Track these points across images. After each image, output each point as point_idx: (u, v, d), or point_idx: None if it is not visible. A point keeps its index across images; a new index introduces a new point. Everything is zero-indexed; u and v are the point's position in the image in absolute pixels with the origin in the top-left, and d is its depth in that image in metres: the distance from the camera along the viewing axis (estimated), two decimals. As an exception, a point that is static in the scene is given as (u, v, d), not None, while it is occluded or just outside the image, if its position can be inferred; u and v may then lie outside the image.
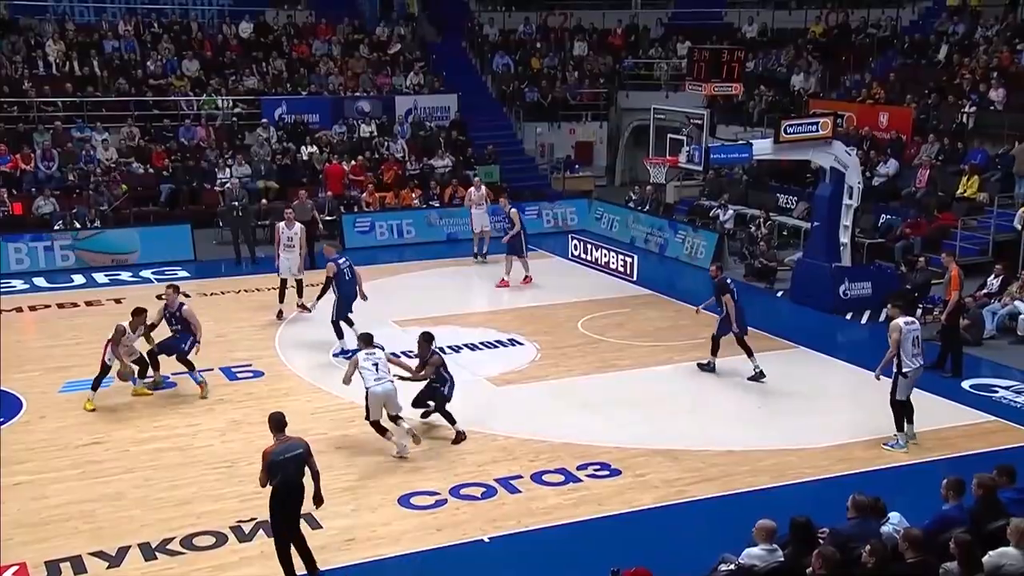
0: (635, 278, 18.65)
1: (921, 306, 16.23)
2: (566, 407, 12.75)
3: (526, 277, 18.47)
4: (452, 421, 11.63)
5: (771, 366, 13.67)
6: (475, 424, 11.99)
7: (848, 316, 16.79)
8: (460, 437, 11.52)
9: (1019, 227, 18.19)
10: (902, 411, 11.36)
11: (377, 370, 10.98)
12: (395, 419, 11.24)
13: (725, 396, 13.12)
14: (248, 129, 25.03)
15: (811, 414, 12.52)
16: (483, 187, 20.91)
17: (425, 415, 11.91)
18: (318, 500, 8.77)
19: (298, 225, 16.50)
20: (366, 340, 11.34)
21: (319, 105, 25.93)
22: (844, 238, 16.99)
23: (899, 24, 27.31)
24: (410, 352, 12.57)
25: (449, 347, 14.87)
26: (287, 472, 8.43)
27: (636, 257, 19.03)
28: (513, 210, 18.66)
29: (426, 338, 11.74)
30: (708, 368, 13.83)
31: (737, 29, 29.88)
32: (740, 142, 17.21)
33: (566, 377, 13.59)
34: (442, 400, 11.66)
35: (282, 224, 16.38)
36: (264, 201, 22.13)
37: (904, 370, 11.19)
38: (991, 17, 24.91)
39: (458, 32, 30.45)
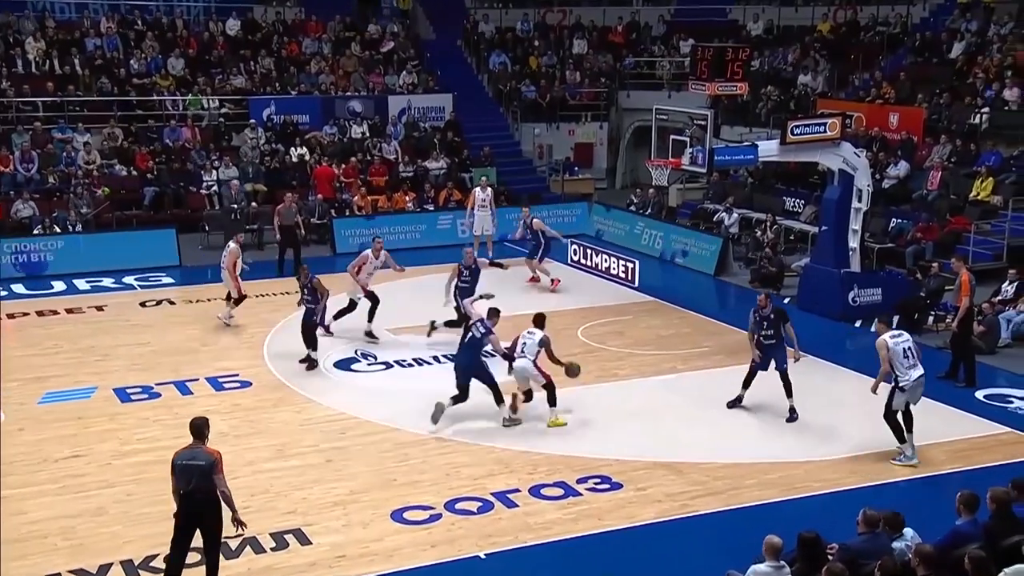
0: (636, 284, 18.66)
1: (933, 313, 16.26)
2: (565, 418, 12.73)
3: (533, 277, 18.79)
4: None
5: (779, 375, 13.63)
6: (470, 436, 11.99)
7: (858, 324, 16.80)
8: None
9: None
10: (897, 424, 11.36)
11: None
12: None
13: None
14: (235, 130, 25.03)
15: (819, 425, 12.52)
16: (489, 189, 20.87)
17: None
18: (236, 523, 8.44)
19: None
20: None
21: (309, 105, 25.94)
22: (853, 243, 17.01)
23: (910, 21, 27.36)
24: (420, 360, 12.40)
25: (444, 356, 14.88)
26: (188, 482, 8.29)
27: (638, 262, 19.05)
28: (536, 220, 18.79)
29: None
30: (738, 403, 12.94)
31: (742, 26, 29.93)
32: (745, 143, 17.24)
33: (564, 387, 13.59)
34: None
35: (235, 245, 16.43)
36: (253, 204, 22.14)
37: (900, 383, 11.19)
38: (1004, 14, 24.96)
39: (453, 29, 30.48)
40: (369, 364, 14.67)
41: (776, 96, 26.03)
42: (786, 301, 17.86)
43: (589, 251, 20.18)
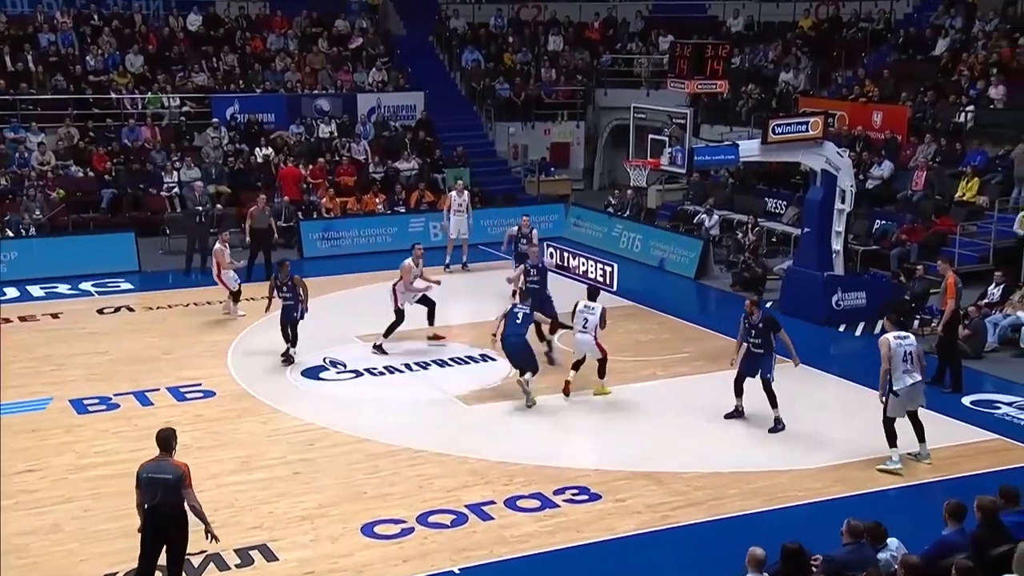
0: (615, 288, 18.71)
1: (919, 317, 16.40)
2: (542, 427, 12.77)
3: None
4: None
5: (759, 383, 13.69)
6: (444, 446, 11.98)
7: (841, 328, 16.93)
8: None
9: (1020, 233, 18.41)
10: (893, 429, 11.45)
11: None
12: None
13: (712, 414, 13.15)
14: (197, 129, 24.90)
15: (803, 433, 12.60)
16: (466, 193, 20.83)
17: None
18: (209, 536, 8.43)
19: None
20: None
21: (274, 103, 25.86)
22: (836, 245, 17.14)
23: (893, 17, 27.65)
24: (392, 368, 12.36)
25: (416, 363, 14.87)
26: (153, 495, 8.23)
27: (616, 266, 19.11)
28: (534, 230, 18.57)
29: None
30: (737, 414, 12.92)
31: (722, 23, 30.15)
32: (725, 143, 17.35)
33: (541, 395, 13.60)
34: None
35: (220, 245, 17.14)
36: (218, 207, 22.02)
37: (895, 388, 11.27)
38: (990, 10, 25.26)
39: (424, 25, 30.49)
40: (338, 372, 14.64)
41: (757, 94, 26.20)
42: (768, 305, 17.97)
43: (566, 254, 20.22)
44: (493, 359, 15.07)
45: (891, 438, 11.44)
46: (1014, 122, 20.99)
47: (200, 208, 20.49)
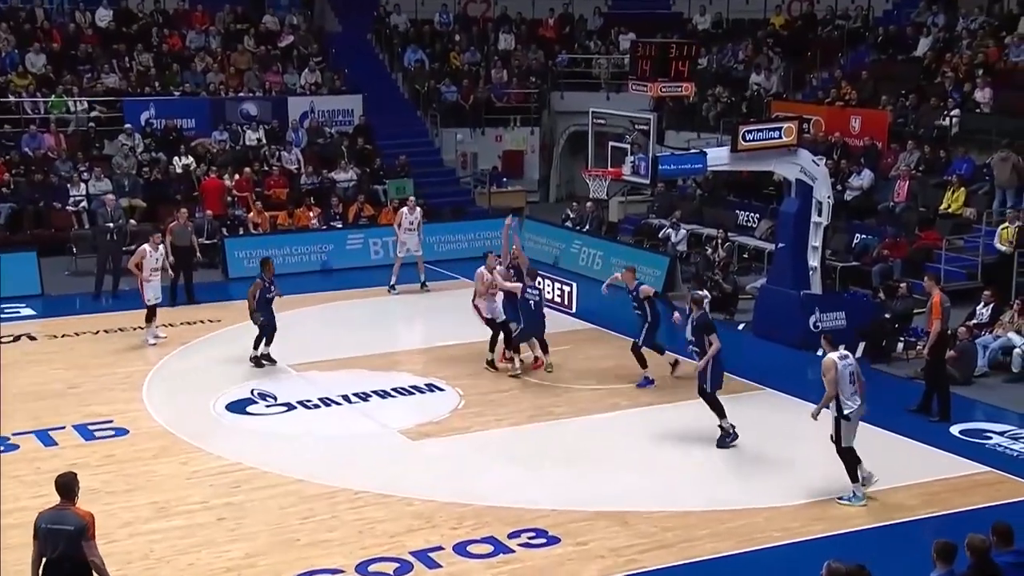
0: (574, 310, 18.78)
1: (903, 339, 16.63)
2: (494, 464, 12.75)
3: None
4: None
5: (733, 412, 13.82)
6: (387, 487, 11.92)
7: (819, 352, 17.02)
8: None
9: (1001, 248, 18.68)
10: (854, 459, 11.61)
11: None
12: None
13: (681, 448, 13.23)
14: (108, 137, 24.70)
15: (781, 467, 12.71)
16: (419, 210, 20.78)
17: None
18: None
19: (163, 247, 17.62)
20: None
21: (195, 108, 25.72)
22: (813, 261, 17.35)
23: (871, 14, 28.15)
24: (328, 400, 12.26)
25: (355, 394, 14.80)
26: (54, 548, 8.09)
27: (575, 285, 19.17)
28: (645, 287, 17.71)
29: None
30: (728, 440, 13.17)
31: (687, 20, 30.54)
32: (692, 151, 17.51)
33: (494, 428, 13.58)
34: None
35: (147, 246, 17.11)
36: (132, 222, 21.80)
37: (845, 412, 11.44)
38: (975, 7, 25.78)
39: (362, 21, 30.53)
40: (268, 406, 14.52)
41: (726, 98, 26.55)
42: (740, 327, 18.16)
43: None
44: (442, 389, 15.05)
45: (853, 470, 11.57)
46: (1002, 127, 21.31)
47: (111, 224, 20.23)
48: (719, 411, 13.10)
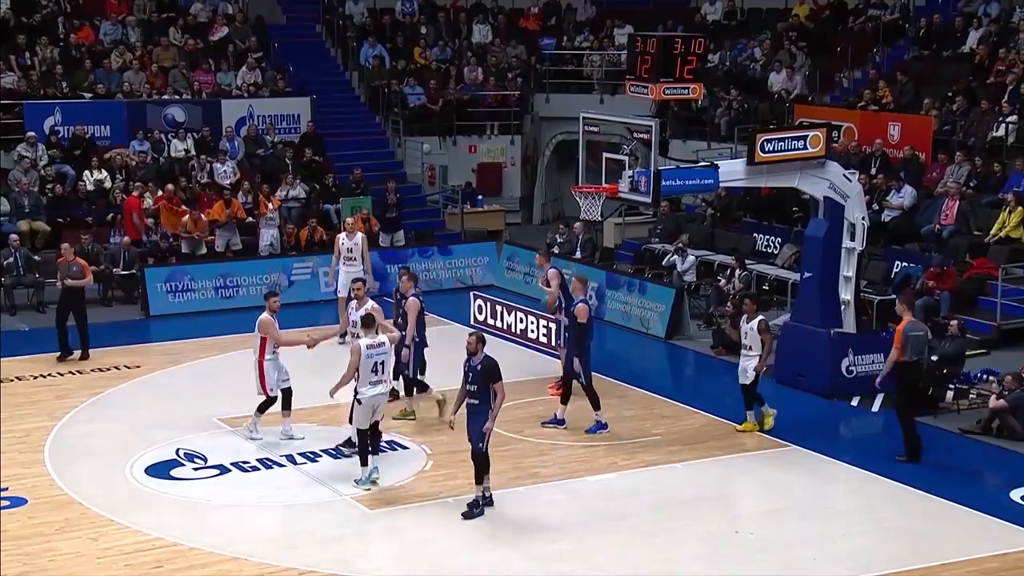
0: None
1: (953, 387, 16.64)
2: (469, 536, 12.68)
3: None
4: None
5: (753, 473, 13.86)
6: (339, 564, 11.86)
7: (854, 402, 17.12)
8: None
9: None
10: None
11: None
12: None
13: (690, 515, 13.20)
14: (4, 147, 24.63)
15: (807, 538, 12.68)
16: (359, 234, 20.18)
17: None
18: None
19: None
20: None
21: (110, 112, 25.69)
22: (846, 294, 17.41)
23: (912, 4, 28.30)
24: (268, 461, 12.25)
25: (301, 454, 14.72)
26: None
27: (563, 323, 19.15)
28: (552, 270, 17.65)
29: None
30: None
31: (695, 9, 30.74)
32: (702, 164, 17.58)
33: (467, 494, 13.54)
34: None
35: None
36: (32, 254, 21.68)
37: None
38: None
39: (310, 12, 30.63)
40: (196, 469, 14.44)
41: (741, 102, 26.68)
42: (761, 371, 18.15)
43: (499, 308, 20.22)
44: (405, 447, 15.00)
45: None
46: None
47: (14, 251, 20.15)
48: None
